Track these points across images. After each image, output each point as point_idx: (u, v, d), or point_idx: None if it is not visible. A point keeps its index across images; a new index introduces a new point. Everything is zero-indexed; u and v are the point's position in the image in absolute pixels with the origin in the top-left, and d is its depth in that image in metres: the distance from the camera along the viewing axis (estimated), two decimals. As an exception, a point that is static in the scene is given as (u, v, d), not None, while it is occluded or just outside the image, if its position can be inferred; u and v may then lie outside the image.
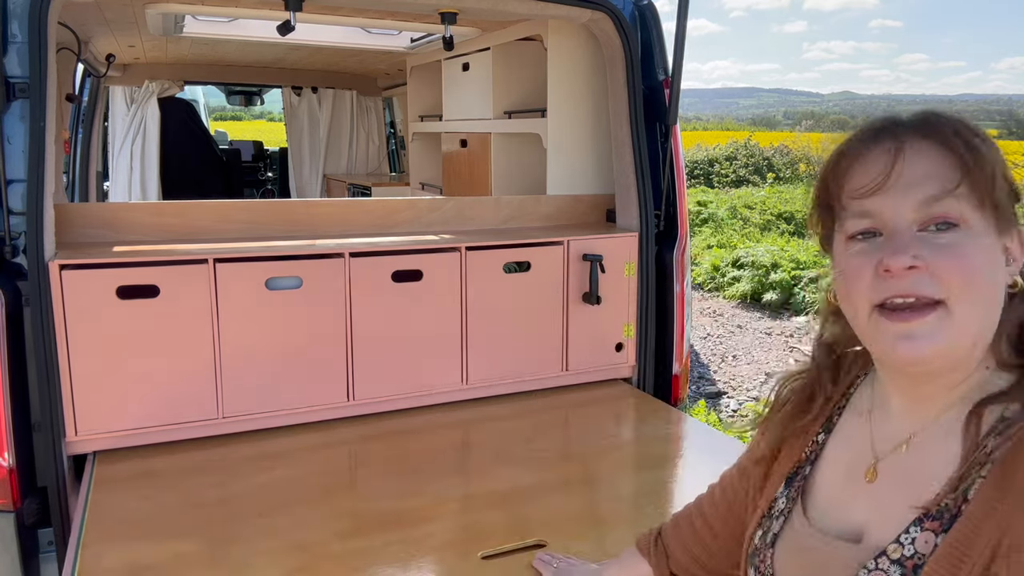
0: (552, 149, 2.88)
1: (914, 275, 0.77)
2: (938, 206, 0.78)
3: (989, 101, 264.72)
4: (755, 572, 0.97)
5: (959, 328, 0.78)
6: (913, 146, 0.80)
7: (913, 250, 0.77)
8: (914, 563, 0.78)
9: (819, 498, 0.94)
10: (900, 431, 0.87)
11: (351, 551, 1.58)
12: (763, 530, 0.98)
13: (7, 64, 1.94)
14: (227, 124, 23.61)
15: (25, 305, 1.95)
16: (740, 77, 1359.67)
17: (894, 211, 0.80)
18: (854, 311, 0.84)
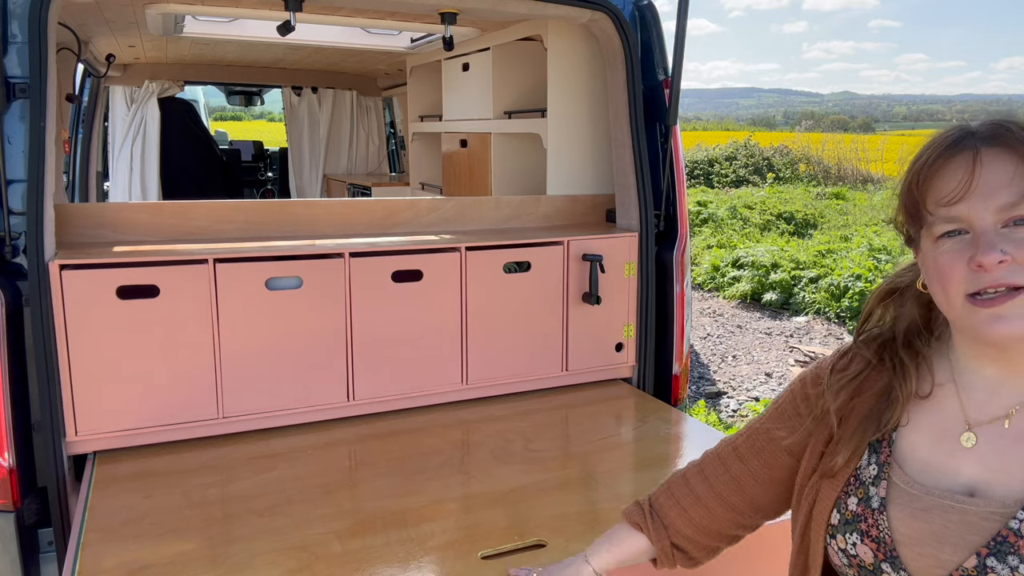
0: (552, 149, 2.88)
1: (1003, 268, 0.90)
2: (1015, 208, 0.90)
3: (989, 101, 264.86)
4: (862, 537, 1.02)
5: None
6: (988, 155, 0.92)
7: (1000, 246, 0.90)
8: None
9: (914, 462, 1.01)
10: (1004, 398, 0.97)
11: (351, 551, 1.58)
12: (857, 497, 1.04)
13: (7, 64, 1.94)
14: (227, 124, 23.61)
15: (25, 305, 1.95)
16: (740, 77, 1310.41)
17: (978, 215, 0.92)
18: (947, 301, 0.96)
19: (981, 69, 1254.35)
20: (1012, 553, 0.89)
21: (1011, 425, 0.95)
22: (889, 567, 0.99)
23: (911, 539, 0.97)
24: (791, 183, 16.20)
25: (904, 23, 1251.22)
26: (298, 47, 4.21)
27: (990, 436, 0.96)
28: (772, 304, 7.52)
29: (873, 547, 1.00)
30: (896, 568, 0.99)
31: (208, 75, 5.48)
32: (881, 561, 1.00)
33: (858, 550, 1.02)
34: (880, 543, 1.00)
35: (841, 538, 1.04)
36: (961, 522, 0.94)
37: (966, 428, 0.98)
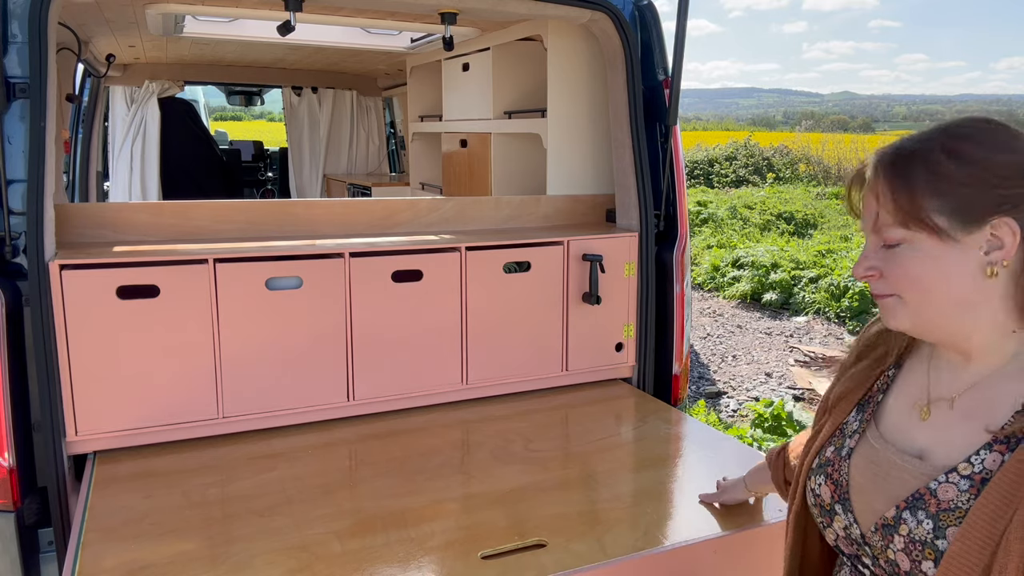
0: (552, 149, 2.88)
1: (873, 279, 1.06)
2: (879, 234, 1.05)
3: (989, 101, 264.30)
4: (826, 479, 1.16)
5: (914, 310, 1.04)
6: (876, 184, 1.05)
7: (869, 263, 1.06)
8: (982, 477, 0.97)
9: (887, 423, 1.14)
10: (958, 379, 1.07)
11: (351, 551, 1.58)
12: (835, 446, 1.18)
13: (7, 64, 1.94)
14: (227, 124, 23.61)
15: (25, 305, 1.95)
16: (740, 77, 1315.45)
17: (867, 235, 1.08)
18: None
19: (981, 69, 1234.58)
20: (922, 509, 1.00)
21: (956, 405, 1.06)
22: (840, 508, 1.13)
23: (861, 486, 1.11)
24: (791, 183, 16.20)
25: (904, 23, 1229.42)
26: (298, 47, 4.21)
27: (942, 411, 1.07)
28: (772, 304, 7.52)
29: (832, 488, 1.14)
30: (845, 510, 1.12)
31: (208, 75, 5.48)
32: (835, 502, 1.13)
33: (821, 490, 1.16)
34: (838, 485, 1.14)
35: (814, 479, 1.19)
36: (899, 478, 1.06)
37: (926, 402, 1.10)
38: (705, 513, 1.75)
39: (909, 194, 1.00)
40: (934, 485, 1.01)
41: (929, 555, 0.98)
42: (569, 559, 1.54)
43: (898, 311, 1.05)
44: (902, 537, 1.01)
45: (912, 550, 1.00)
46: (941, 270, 1.01)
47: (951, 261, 1.01)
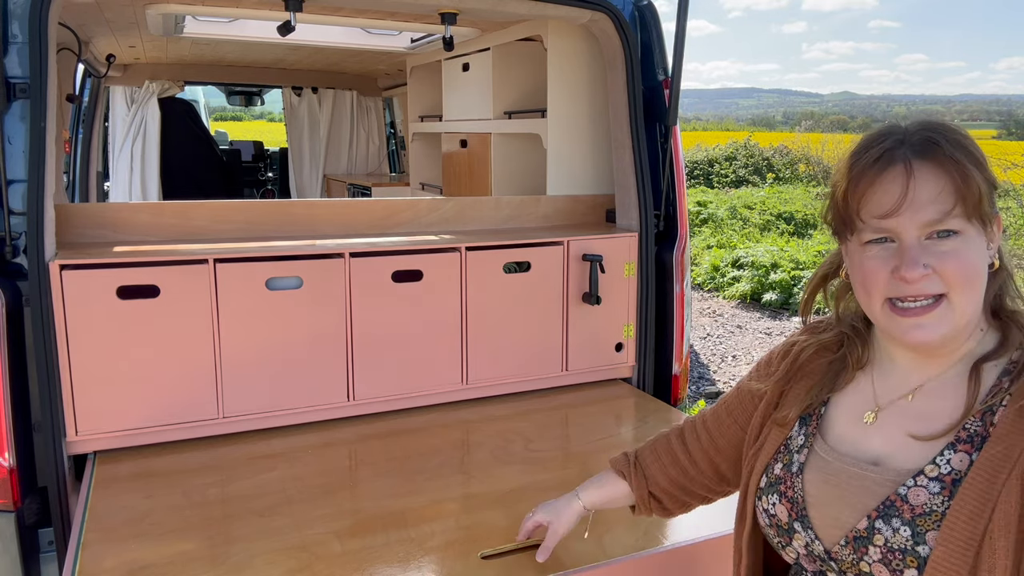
0: (552, 149, 2.88)
1: (924, 280, 0.97)
2: (940, 223, 0.97)
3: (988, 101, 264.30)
4: (780, 498, 1.12)
5: (958, 314, 0.98)
6: (919, 171, 0.97)
7: (924, 260, 0.97)
8: (952, 478, 0.96)
9: (834, 434, 1.11)
10: (907, 382, 1.06)
11: (351, 551, 1.58)
12: (783, 463, 1.14)
13: (7, 64, 1.94)
14: (227, 124, 23.61)
15: (25, 305, 1.95)
16: (740, 77, 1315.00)
17: (905, 228, 0.98)
18: (869, 302, 1.03)
19: (981, 69, 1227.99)
20: (896, 516, 0.98)
21: (913, 400, 1.04)
22: (799, 526, 1.09)
23: (819, 501, 1.07)
24: (791, 183, 16.20)
25: (904, 23, 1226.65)
26: (298, 47, 4.21)
27: (895, 413, 1.06)
28: (772, 304, 7.52)
29: (788, 507, 1.11)
30: (805, 527, 1.08)
31: (208, 75, 5.48)
32: (794, 520, 1.09)
33: (776, 509, 1.12)
34: (794, 503, 1.10)
35: (765, 499, 1.14)
36: (860, 488, 1.03)
37: (874, 408, 1.08)
38: (705, 513, 1.74)
39: (971, 183, 0.96)
40: (903, 490, 0.98)
41: (911, 563, 0.95)
42: (569, 559, 1.54)
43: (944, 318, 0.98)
44: (878, 548, 0.98)
45: (891, 560, 0.97)
46: (983, 261, 1.00)
47: (984, 254, 1.01)
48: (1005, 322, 1.03)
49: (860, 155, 1.01)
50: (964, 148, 0.98)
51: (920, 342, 1.00)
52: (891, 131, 1.01)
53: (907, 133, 1.00)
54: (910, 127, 1.01)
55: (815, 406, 1.14)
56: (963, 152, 0.97)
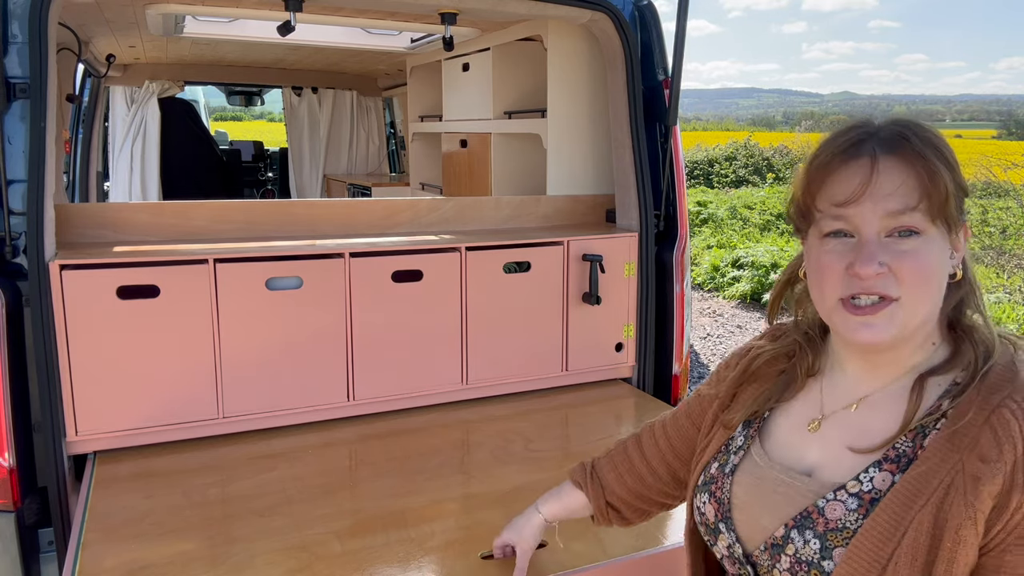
0: (552, 149, 2.88)
1: (879, 278, 0.93)
2: (902, 218, 0.93)
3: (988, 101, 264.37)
4: (710, 497, 1.11)
5: (908, 316, 0.94)
6: (885, 163, 0.93)
7: (880, 257, 0.93)
8: (871, 496, 0.93)
9: (774, 441, 1.09)
10: (853, 392, 1.03)
11: (351, 551, 1.58)
12: (719, 463, 1.13)
13: (7, 64, 1.94)
14: (227, 124, 23.61)
15: (25, 305, 1.95)
16: (740, 77, 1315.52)
17: (865, 220, 0.94)
18: (822, 297, 0.99)
19: (981, 69, 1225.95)
20: (810, 528, 0.96)
21: (856, 411, 1.01)
22: (724, 527, 1.08)
23: (744, 504, 1.06)
24: (791, 183, 16.21)
25: (904, 23, 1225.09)
26: (298, 47, 4.21)
27: (837, 424, 1.03)
28: (772, 304, 7.52)
29: (715, 507, 1.10)
30: (729, 528, 1.07)
31: (208, 75, 5.48)
32: (719, 521, 1.09)
33: (706, 508, 1.12)
34: (721, 504, 1.09)
35: (699, 496, 1.14)
36: (786, 495, 1.01)
37: (818, 417, 1.05)
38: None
39: (939, 182, 0.92)
40: (822, 503, 0.96)
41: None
42: (569, 559, 1.54)
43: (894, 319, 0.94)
44: (788, 557, 0.97)
45: (798, 571, 0.96)
46: (942, 268, 0.96)
47: (945, 260, 0.97)
48: (959, 337, 0.99)
49: (826, 145, 0.98)
50: (935, 147, 0.94)
51: (867, 341, 0.95)
52: (861, 124, 0.98)
53: (878, 128, 0.97)
54: (882, 123, 0.98)
55: (760, 412, 1.12)
56: (933, 150, 0.93)
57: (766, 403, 1.12)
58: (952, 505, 0.87)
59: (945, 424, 0.92)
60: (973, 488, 0.86)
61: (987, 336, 0.97)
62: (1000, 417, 0.88)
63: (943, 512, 0.87)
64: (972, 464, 0.87)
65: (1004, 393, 0.91)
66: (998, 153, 14.29)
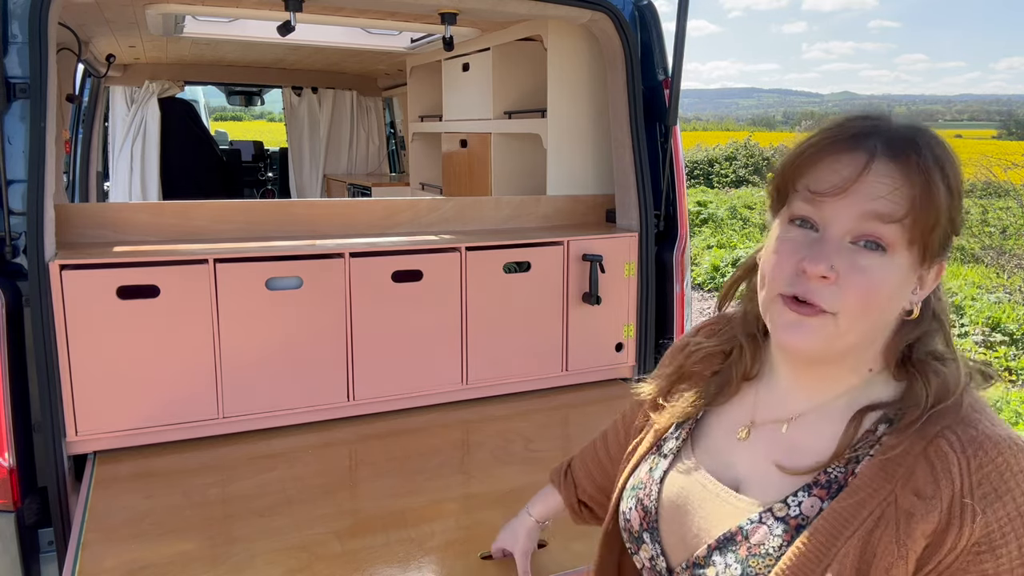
0: (552, 149, 2.88)
1: (822, 284, 0.85)
2: (877, 227, 0.84)
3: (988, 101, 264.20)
4: (636, 504, 1.04)
5: (839, 335, 0.86)
6: (882, 164, 0.84)
7: (832, 260, 0.84)
8: (797, 523, 0.87)
9: (704, 446, 1.03)
10: (785, 406, 0.96)
11: (351, 551, 1.58)
12: (650, 466, 1.06)
13: (7, 64, 1.94)
14: (227, 124, 23.60)
15: (25, 305, 1.95)
16: (740, 77, 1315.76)
17: (837, 216, 0.85)
18: (766, 282, 0.91)
19: (981, 69, 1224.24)
20: (732, 551, 0.90)
21: (787, 431, 0.95)
22: (649, 538, 1.01)
23: (671, 515, 1.00)
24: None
25: (904, 23, 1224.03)
26: (298, 47, 4.21)
27: (767, 437, 0.97)
28: (772, 304, 7.53)
29: (641, 515, 1.03)
30: (654, 540, 1.01)
31: (208, 75, 5.48)
32: (644, 530, 1.02)
33: (632, 515, 1.05)
34: (647, 512, 1.02)
35: (626, 500, 1.07)
36: (712, 512, 0.95)
37: (749, 424, 0.99)
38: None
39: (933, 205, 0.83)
40: (747, 524, 0.90)
41: None
42: (569, 559, 1.54)
43: (823, 331, 0.86)
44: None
45: None
46: (895, 299, 0.88)
47: (903, 293, 0.88)
48: (912, 374, 0.89)
49: (829, 127, 0.89)
50: (943, 169, 0.84)
51: (790, 344, 0.89)
52: (874, 117, 0.88)
53: (891, 125, 0.87)
54: (898, 123, 0.88)
55: (693, 414, 1.06)
56: (940, 171, 0.84)
57: (699, 405, 1.06)
58: (881, 540, 0.81)
59: (879, 451, 0.86)
60: (906, 525, 0.80)
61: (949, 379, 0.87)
62: (938, 449, 0.82)
63: (870, 546, 0.81)
64: (906, 498, 0.82)
65: (944, 423, 0.84)
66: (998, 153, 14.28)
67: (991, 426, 0.84)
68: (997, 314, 6.64)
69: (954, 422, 0.84)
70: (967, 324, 6.58)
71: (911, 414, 0.85)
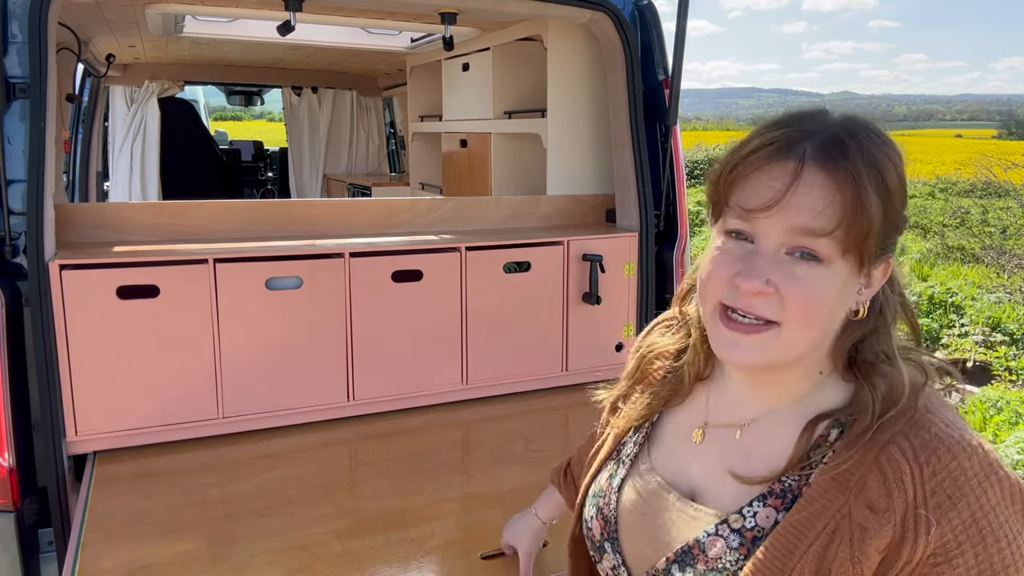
0: (552, 149, 2.88)
1: (761, 298, 0.84)
2: (808, 240, 0.82)
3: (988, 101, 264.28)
4: (597, 512, 1.03)
5: (785, 346, 0.85)
6: (811, 175, 0.82)
7: (768, 275, 0.83)
8: (753, 535, 0.86)
9: (661, 451, 1.02)
10: (737, 412, 0.95)
11: (351, 551, 1.58)
12: (609, 472, 1.05)
13: (7, 64, 1.94)
14: (227, 124, 23.60)
15: (25, 305, 1.95)
16: (740, 77, 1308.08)
17: (769, 230, 0.84)
18: (704, 297, 0.91)
19: (981, 69, 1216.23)
20: (691, 565, 0.89)
21: (741, 438, 0.93)
22: (610, 547, 1.01)
23: (631, 526, 0.99)
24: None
25: (904, 23, 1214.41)
26: (298, 47, 4.21)
27: (720, 443, 0.95)
28: (772, 304, 7.52)
29: (602, 524, 1.02)
30: (615, 550, 1.00)
31: (208, 75, 5.48)
32: (605, 540, 1.01)
33: (593, 524, 1.04)
34: (608, 522, 1.01)
35: (588, 508, 1.06)
36: (670, 522, 0.94)
37: (703, 425, 0.98)
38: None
39: (865, 212, 0.81)
40: (704, 538, 0.89)
41: None
42: (569, 559, 1.54)
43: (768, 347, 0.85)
44: None
45: None
46: (839, 305, 0.86)
47: (847, 297, 0.86)
48: (859, 379, 0.88)
49: (757, 135, 0.87)
50: (876, 167, 0.82)
51: (735, 361, 0.88)
52: (803, 119, 0.86)
53: (820, 127, 0.84)
54: (831, 119, 0.85)
55: (649, 417, 1.05)
56: (871, 171, 0.81)
57: (654, 407, 1.05)
58: (836, 555, 0.80)
59: (832, 459, 0.85)
60: (860, 540, 0.79)
61: (894, 381, 0.85)
62: (890, 457, 0.81)
63: (826, 561, 0.80)
64: (859, 511, 0.80)
65: (896, 427, 0.82)
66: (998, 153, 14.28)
67: (945, 427, 0.82)
68: (997, 314, 6.63)
69: (906, 426, 0.82)
70: (967, 324, 6.58)
71: (861, 421, 0.84)
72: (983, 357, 5.84)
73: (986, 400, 4.56)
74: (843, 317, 0.88)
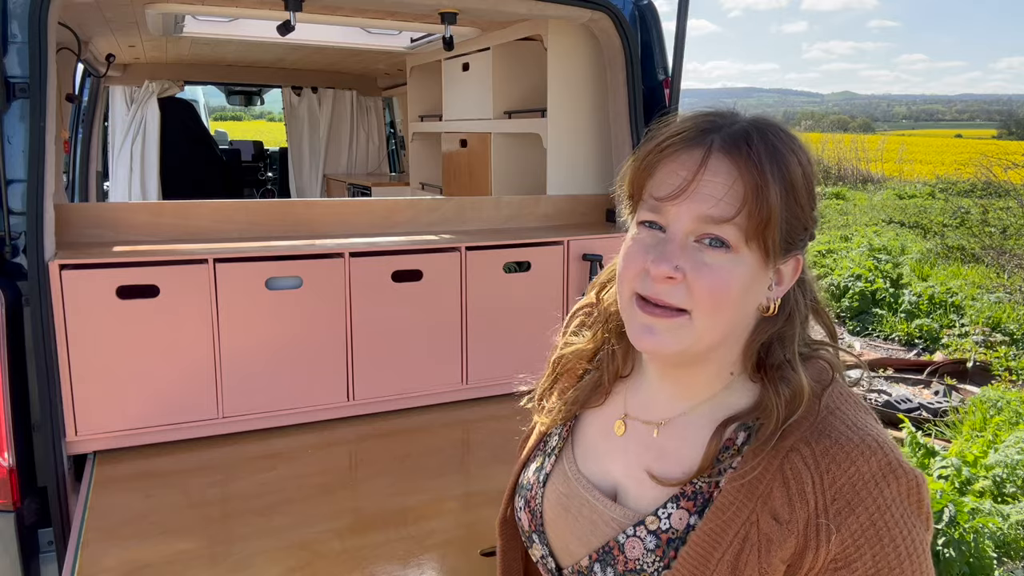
0: (552, 149, 2.88)
1: (669, 284, 0.85)
2: (714, 227, 0.84)
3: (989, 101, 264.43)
4: (525, 505, 1.06)
5: (697, 337, 0.87)
6: (716, 162, 0.84)
7: (676, 261, 0.85)
8: (668, 536, 0.89)
9: (583, 447, 1.04)
10: (654, 408, 0.97)
11: (351, 549, 1.58)
12: (536, 465, 1.08)
13: (7, 64, 1.94)
14: (227, 124, 23.61)
15: (25, 305, 1.95)
16: (740, 77, 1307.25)
17: (677, 218, 0.86)
18: (620, 287, 0.92)
19: (981, 69, 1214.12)
20: (611, 565, 0.92)
21: (658, 437, 0.95)
22: (537, 539, 1.04)
23: (555, 521, 1.01)
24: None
25: (904, 23, 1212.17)
26: (298, 47, 4.21)
27: (639, 441, 0.97)
28: (772, 304, 7.51)
29: (528, 517, 1.05)
30: (542, 542, 1.03)
31: (208, 75, 5.48)
32: (532, 531, 1.04)
33: (521, 516, 1.07)
34: (534, 516, 1.04)
35: (517, 499, 1.10)
36: (590, 520, 0.96)
37: (623, 417, 1.00)
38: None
39: (765, 202, 0.83)
40: (623, 538, 0.91)
41: None
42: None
43: (680, 335, 0.86)
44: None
45: None
46: (748, 296, 0.87)
47: (756, 289, 0.88)
48: (764, 383, 0.90)
49: (671, 128, 0.90)
50: (780, 162, 0.84)
51: (645, 347, 0.89)
52: (715, 115, 0.89)
53: (732, 120, 0.88)
54: (742, 116, 0.89)
55: (572, 413, 1.07)
56: (775, 164, 0.84)
57: (575, 408, 1.06)
58: (747, 565, 0.83)
59: (739, 465, 0.87)
60: (766, 551, 0.82)
61: (796, 387, 0.86)
62: (792, 467, 0.83)
63: (738, 569, 0.83)
64: (766, 521, 0.83)
65: (799, 434, 0.84)
66: (998, 153, 14.28)
67: (846, 430, 0.84)
68: (997, 314, 6.63)
69: (809, 432, 0.85)
70: (967, 324, 6.58)
71: (766, 427, 0.86)
72: (983, 357, 5.84)
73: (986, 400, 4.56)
74: (754, 312, 0.90)
